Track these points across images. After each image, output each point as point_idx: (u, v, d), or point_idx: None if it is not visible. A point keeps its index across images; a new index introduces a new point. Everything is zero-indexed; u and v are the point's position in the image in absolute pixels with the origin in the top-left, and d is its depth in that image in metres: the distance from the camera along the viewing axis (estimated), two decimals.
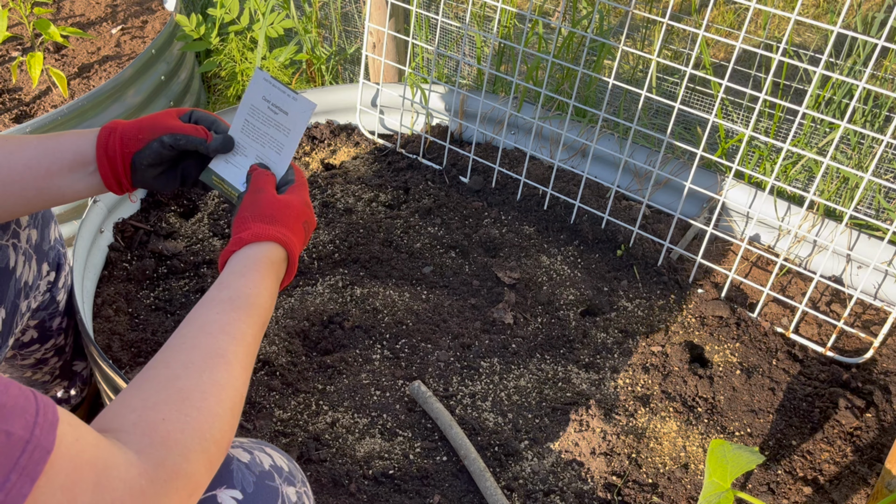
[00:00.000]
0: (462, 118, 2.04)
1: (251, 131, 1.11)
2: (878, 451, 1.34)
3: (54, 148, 1.01)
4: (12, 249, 1.08)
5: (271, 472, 0.84)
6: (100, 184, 1.05)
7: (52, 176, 1.00)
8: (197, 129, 1.09)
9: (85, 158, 1.03)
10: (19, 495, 0.54)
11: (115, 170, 1.04)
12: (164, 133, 1.05)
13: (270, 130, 1.10)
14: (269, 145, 1.11)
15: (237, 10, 2.34)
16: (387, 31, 1.99)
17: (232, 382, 0.79)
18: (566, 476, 1.28)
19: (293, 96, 1.08)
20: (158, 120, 1.07)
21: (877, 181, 1.43)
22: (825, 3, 3.29)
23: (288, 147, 1.10)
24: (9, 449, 0.54)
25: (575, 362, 1.50)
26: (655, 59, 1.54)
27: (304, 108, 1.08)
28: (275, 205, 0.99)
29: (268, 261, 0.92)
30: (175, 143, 1.06)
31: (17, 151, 0.99)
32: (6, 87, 2.17)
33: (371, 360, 1.46)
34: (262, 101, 1.10)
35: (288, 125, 1.09)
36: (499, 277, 1.65)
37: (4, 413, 0.55)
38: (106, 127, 1.04)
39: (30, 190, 1.00)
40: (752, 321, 1.56)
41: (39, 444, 0.56)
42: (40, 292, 1.21)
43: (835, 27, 1.34)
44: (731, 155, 2.12)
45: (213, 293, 0.87)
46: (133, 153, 1.04)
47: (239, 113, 1.11)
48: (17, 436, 0.55)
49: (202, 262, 1.63)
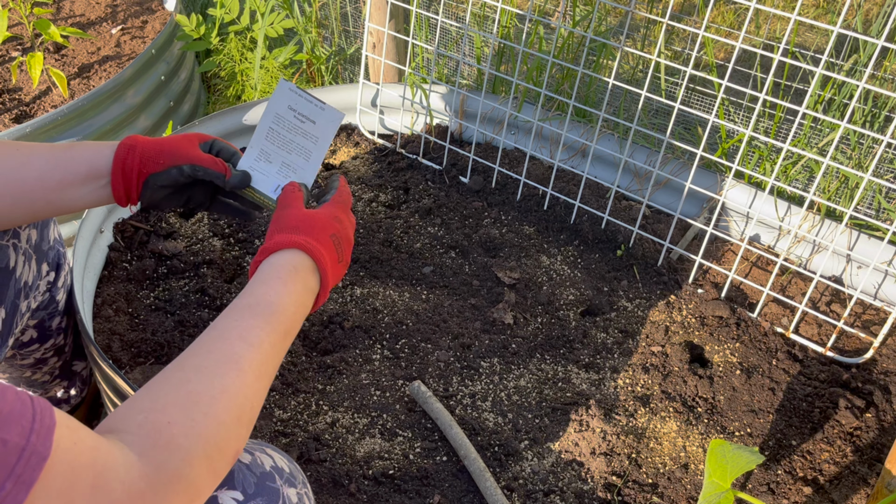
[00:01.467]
0: (462, 118, 2.04)
1: (276, 139, 1.13)
2: (878, 451, 1.34)
3: (68, 160, 1.01)
4: (12, 249, 1.08)
5: (272, 474, 0.84)
6: (108, 196, 1.05)
7: (63, 188, 1.00)
8: (216, 162, 1.09)
9: (99, 172, 1.03)
10: (15, 503, 0.54)
11: (127, 186, 1.04)
12: (185, 162, 1.06)
13: (297, 139, 1.13)
14: (296, 152, 1.13)
15: (237, 10, 2.34)
16: (387, 31, 1.99)
17: (243, 391, 0.77)
18: (566, 476, 1.28)
19: (321, 106, 1.11)
20: (181, 147, 1.07)
21: (877, 181, 1.43)
22: (825, 4, 3.29)
23: (316, 154, 1.13)
24: (5, 456, 0.54)
25: (575, 362, 1.50)
26: (655, 59, 1.54)
27: (332, 117, 1.11)
28: (299, 217, 0.98)
29: (290, 267, 0.91)
30: (193, 174, 1.07)
31: (28, 163, 0.98)
32: (6, 87, 2.17)
33: (371, 360, 1.46)
34: (288, 110, 1.12)
35: (316, 133, 1.12)
36: (499, 277, 1.65)
37: (0, 420, 0.54)
38: (125, 143, 1.04)
39: (39, 202, 1.00)
40: (752, 321, 1.57)
41: (36, 450, 0.56)
42: (40, 292, 1.21)
43: (835, 27, 1.34)
44: (731, 155, 2.12)
45: (235, 301, 0.86)
46: (149, 174, 1.05)
47: (262, 122, 1.13)
48: (13, 443, 0.55)
49: (202, 262, 1.63)
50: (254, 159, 1.14)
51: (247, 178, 1.13)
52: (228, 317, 0.83)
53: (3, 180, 0.96)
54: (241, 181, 1.12)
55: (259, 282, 0.88)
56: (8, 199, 0.97)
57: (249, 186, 1.14)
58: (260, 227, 1.74)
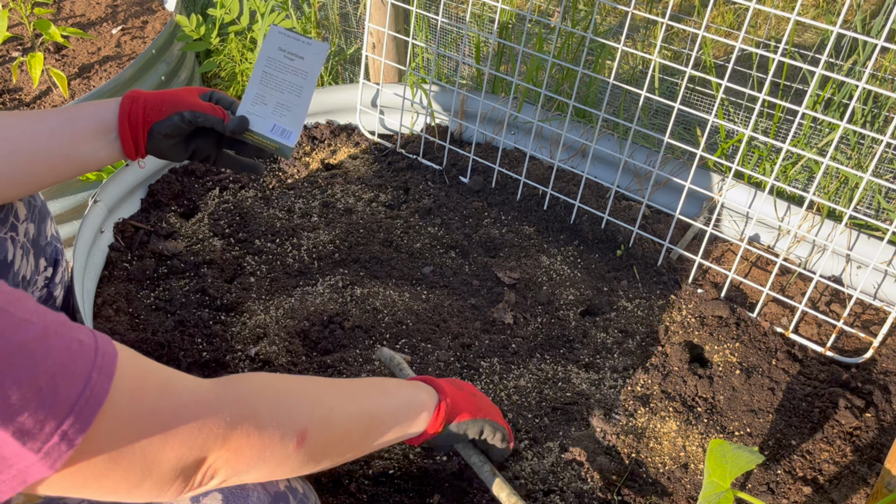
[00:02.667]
0: (462, 118, 2.04)
1: (270, 81, 1.22)
2: (878, 450, 1.35)
3: (77, 117, 1.07)
4: (10, 242, 1.08)
5: (286, 494, 0.85)
6: (120, 151, 1.11)
7: (76, 143, 1.06)
8: (216, 109, 1.16)
9: (107, 126, 1.09)
10: (101, 391, 0.61)
11: (135, 136, 1.11)
12: (186, 109, 1.13)
13: (289, 77, 1.21)
14: (289, 91, 1.21)
15: (237, 10, 2.34)
16: (387, 31, 1.99)
17: (369, 443, 0.89)
18: (566, 476, 1.29)
19: (307, 41, 1.19)
20: (181, 96, 1.14)
21: (876, 181, 1.43)
22: (825, 4, 3.29)
23: (307, 89, 1.21)
24: (84, 352, 0.62)
25: (575, 362, 1.50)
26: (655, 59, 1.55)
27: (318, 50, 1.20)
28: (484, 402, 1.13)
29: (423, 407, 1.00)
30: (194, 120, 1.13)
31: (40, 122, 1.04)
32: (6, 87, 2.17)
33: (371, 361, 1.46)
34: (279, 51, 1.21)
35: (304, 68, 1.20)
36: (499, 277, 1.65)
37: (69, 325, 0.64)
38: (128, 96, 1.11)
39: (55, 157, 1.05)
40: (751, 321, 1.57)
41: (105, 350, 0.64)
42: (38, 287, 1.22)
43: (835, 27, 1.34)
44: (731, 155, 2.12)
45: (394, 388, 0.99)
46: (153, 122, 1.11)
47: (257, 66, 1.21)
48: (86, 343, 0.63)
49: (202, 262, 1.63)
50: (250, 103, 1.22)
51: (244, 121, 1.19)
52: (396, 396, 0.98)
53: (18, 135, 1.02)
54: (238, 125, 1.19)
55: (408, 399, 0.99)
56: (26, 154, 1.02)
57: (248, 130, 1.21)
58: (260, 227, 1.74)
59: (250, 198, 1.83)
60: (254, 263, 1.66)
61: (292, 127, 1.24)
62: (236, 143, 1.24)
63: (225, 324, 1.51)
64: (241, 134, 1.20)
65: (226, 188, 1.85)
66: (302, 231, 1.74)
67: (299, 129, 1.25)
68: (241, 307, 1.55)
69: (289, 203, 1.82)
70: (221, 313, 1.53)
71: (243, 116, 1.19)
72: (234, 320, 1.52)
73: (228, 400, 0.71)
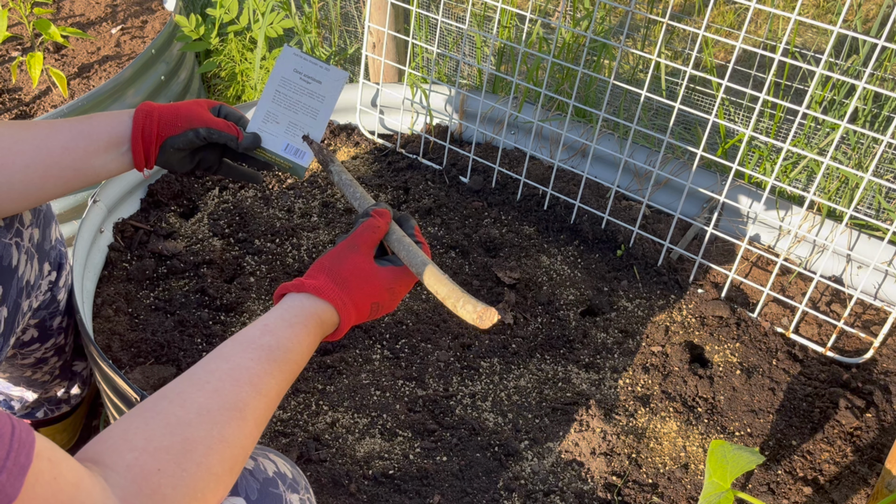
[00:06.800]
0: (462, 118, 2.04)
1: (283, 101, 1.22)
2: (878, 451, 1.34)
3: (89, 131, 1.07)
4: (15, 248, 1.08)
5: (275, 479, 0.84)
6: (129, 163, 1.11)
7: (88, 157, 1.06)
8: (229, 125, 1.17)
9: (120, 139, 1.09)
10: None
11: (147, 150, 1.11)
12: (201, 125, 1.13)
13: (304, 99, 1.21)
14: (303, 112, 1.22)
15: (237, 11, 2.34)
16: (387, 31, 1.99)
17: (241, 441, 0.76)
18: (566, 476, 1.28)
19: (325, 67, 1.20)
20: (194, 110, 1.14)
21: (877, 181, 1.43)
22: (825, 3, 3.29)
23: (323, 112, 1.22)
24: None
25: (575, 362, 1.50)
26: (656, 59, 1.54)
27: (337, 76, 1.20)
28: (355, 271, 0.95)
29: (318, 320, 0.90)
30: (209, 136, 1.14)
31: (52, 135, 1.04)
32: (6, 87, 2.17)
33: (371, 360, 1.46)
34: (294, 73, 1.21)
35: (322, 93, 1.21)
36: (499, 277, 1.65)
37: None
38: (141, 109, 1.10)
39: (68, 171, 1.05)
40: (752, 321, 1.57)
41: (3, 490, 0.54)
42: (41, 291, 1.21)
43: (835, 27, 1.34)
44: (732, 155, 2.12)
45: (254, 333, 0.84)
46: (167, 137, 1.11)
47: (269, 85, 1.21)
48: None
49: (202, 262, 1.63)
50: (261, 121, 1.22)
51: (257, 139, 1.20)
52: (245, 353, 0.82)
53: (33, 150, 1.01)
54: (252, 142, 1.19)
55: (286, 323, 0.87)
56: (39, 169, 1.02)
57: (260, 147, 1.21)
58: (259, 227, 1.74)
59: (250, 198, 1.83)
60: (253, 263, 1.65)
61: (306, 147, 1.24)
62: (244, 157, 1.24)
63: (225, 324, 1.51)
64: (253, 151, 1.21)
65: (225, 188, 1.85)
66: (302, 231, 1.74)
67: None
68: (241, 307, 1.55)
69: (289, 203, 1.82)
70: (221, 313, 1.53)
71: (256, 134, 1.20)
72: (233, 320, 1.52)
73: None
